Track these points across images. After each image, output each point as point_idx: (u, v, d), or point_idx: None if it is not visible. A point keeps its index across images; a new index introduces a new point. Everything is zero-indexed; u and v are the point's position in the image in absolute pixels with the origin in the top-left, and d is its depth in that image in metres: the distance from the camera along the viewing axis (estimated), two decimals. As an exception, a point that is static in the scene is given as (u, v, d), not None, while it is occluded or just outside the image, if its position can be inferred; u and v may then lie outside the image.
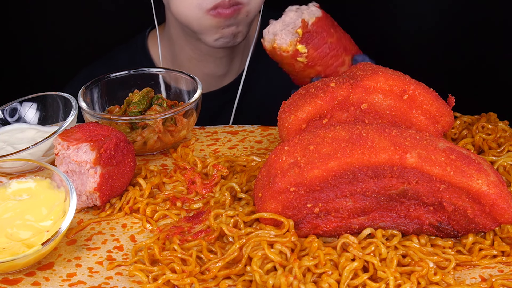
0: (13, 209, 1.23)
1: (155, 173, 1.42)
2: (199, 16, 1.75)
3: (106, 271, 1.19)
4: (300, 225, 1.18)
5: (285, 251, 1.13)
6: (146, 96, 1.51)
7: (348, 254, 1.13)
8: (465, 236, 1.19)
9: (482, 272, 1.15)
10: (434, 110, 1.30)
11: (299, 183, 1.13)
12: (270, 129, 1.59)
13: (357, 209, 1.17)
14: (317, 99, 1.29)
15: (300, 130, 1.30)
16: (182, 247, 1.20)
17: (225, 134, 1.58)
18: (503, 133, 1.43)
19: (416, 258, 1.13)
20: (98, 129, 1.32)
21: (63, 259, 1.22)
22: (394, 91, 1.29)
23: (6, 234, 1.18)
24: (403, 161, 1.11)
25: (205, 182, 1.38)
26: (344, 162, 1.12)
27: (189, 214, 1.31)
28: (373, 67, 1.33)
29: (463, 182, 1.11)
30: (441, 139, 1.16)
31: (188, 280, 1.13)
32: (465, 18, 2.37)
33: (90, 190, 1.29)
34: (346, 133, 1.15)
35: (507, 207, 1.13)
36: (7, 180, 1.30)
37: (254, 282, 1.12)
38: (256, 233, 1.16)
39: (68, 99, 1.49)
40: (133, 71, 1.61)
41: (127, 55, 2.08)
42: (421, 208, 1.16)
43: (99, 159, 1.28)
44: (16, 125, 1.51)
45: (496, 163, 1.34)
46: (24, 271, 1.19)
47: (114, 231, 1.28)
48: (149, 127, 1.45)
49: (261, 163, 1.40)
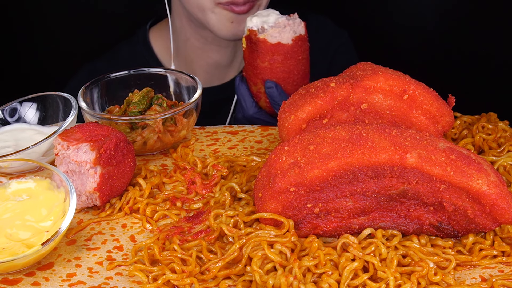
0: (12, 210, 1.23)
1: (155, 173, 1.42)
2: (211, 7, 1.76)
3: (106, 271, 1.19)
4: (300, 225, 1.18)
5: (285, 251, 1.13)
6: (146, 96, 1.51)
7: (348, 254, 1.13)
8: (465, 236, 1.19)
9: (482, 272, 1.15)
10: (434, 110, 1.30)
11: (299, 183, 1.13)
12: (270, 129, 1.59)
13: (357, 209, 1.17)
14: (317, 99, 1.29)
15: (300, 130, 1.30)
16: (182, 247, 1.20)
17: (225, 134, 1.58)
18: (503, 133, 1.43)
19: (416, 258, 1.13)
20: (98, 129, 1.32)
21: (63, 259, 1.22)
22: (394, 91, 1.29)
23: (5, 235, 1.18)
24: (403, 161, 1.11)
25: (205, 182, 1.38)
26: (344, 162, 1.12)
27: (189, 214, 1.31)
28: (373, 67, 1.33)
29: (463, 182, 1.11)
30: (441, 139, 1.16)
31: (188, 280, 1.13)
32: (465, 18, 2.37)
33: (90, 190, 1.29)
34: (346, 133, 1.14)
35: (507, 207, 1.12)
36: (7, 180, 1.30)
37: (254, 282, 1.12)
38: (256, 233, 1.16)
39: (68, 99, 1.49)
40: (133, 71, 1.61)
41: (129, 50, 2.09)
42: (421, 208, 1.16)
43: (99, 159, 1.28)
44: (16, 125, 1.51)
45: (496, 163, 1.34)
46: (24, 271, 1.18)
47: (114, 231, 1.28)
48: (149, 127, 1.45)
49: (261, 163, 1.40)
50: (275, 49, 1.56)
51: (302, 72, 1.61)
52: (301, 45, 1.58)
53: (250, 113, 1.66)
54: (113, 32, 2.39)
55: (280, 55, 1.57)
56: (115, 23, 2.48)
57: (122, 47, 2.11)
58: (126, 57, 2.07)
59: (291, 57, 1.57)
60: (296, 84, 1.61)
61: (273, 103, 1.61)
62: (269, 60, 1.58)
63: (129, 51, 2.09)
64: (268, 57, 1.57)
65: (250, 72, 1.64)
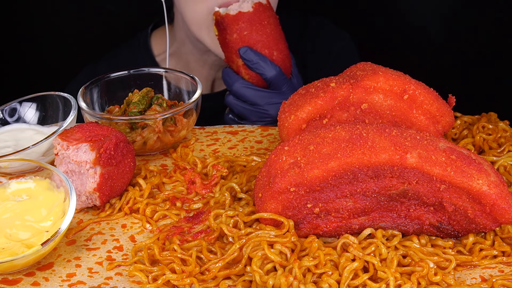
0: (12, 210, 1.23)
1: (155, 173, 1.42)
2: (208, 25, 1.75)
3: (106, 271, 1.19)
4: (300, 225, 1.18)
5: (285, 251, 1.13)
6: (146, 96, 1.51)
7: (348, 254, 1.13)
8: (465, 236, 1.19)
9: (482, 273, 1.15)
10: (434, 110, 1.30)
11: (299, 183, 1.13)
12: (270, 129, 1.59)
13: (357, 209, 1.17)
14: (317, 99, 1.29)
15: (300, 130, 1.30)
16: (182, 247, 1.20)
17: (225, 134, 1.58)
18: (504, 133, 1.43)
19: (416, 258, 1.13)
20: (98, 129, 1.32)
21: (63, 259, 1.21)
22: (395, 91, 1.29)
23: (5, 235, 1.18)
24: (404, 161, 1.11)
25: (205, 182, 1.38)
26: (344, 162, 1.12)
27: (189, 214, 1.31)
28: (373, 67, 1.33)
29: (463, 182, 1.11)
30: (442, 139, 1.16)
31: (188, 280, 1.13)
32: (466, 18, 2.37)
33: (89, 190, 1.29)
34: (346, 133, 1.14)
35: (507, 207, 1.12)
36: (6, 180, 1.30)
37: (254, 283, 1.12)
38: (256, 233, 1.16)
39: (68, 99, 1.48)
40: (133, 71, 1.61)
41: (129, 53, 2.08)
42: (422, 208, 1.16)
43: (98, 159, 1.27)
44: (15, 125, 1.51)
45: (497, 163, 1.34)
46: (24, 271, 1.18)
47: (114, 231, 1.28)
48: (149, 127, 1.45)
49: (261, 163, 1.40)
50: (238, 18, 1.63)
51: (272, 36, 1.65)
52: (263, 11, 1.64)
53: (236, 85, 1.66)
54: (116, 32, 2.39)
55: (244, 22, 1.63)
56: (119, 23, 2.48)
57: (122, 51, 2.11)
58: (126, 60, 2.07)
59: (255, 22, 1.63)
60: (270, 48, 1.65)
61: (251, 65, 1.63)
62: (236, 31, 1.63)
63: (129, 54, 2.09)
64: (234, 28, 1.63)
65: (227, 52, 1.68)
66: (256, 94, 1.65)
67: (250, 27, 1.63)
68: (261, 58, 1.62)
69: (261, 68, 1.62)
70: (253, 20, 1.63)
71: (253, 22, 1.63)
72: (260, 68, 1.62)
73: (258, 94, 1.65)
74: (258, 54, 1.62)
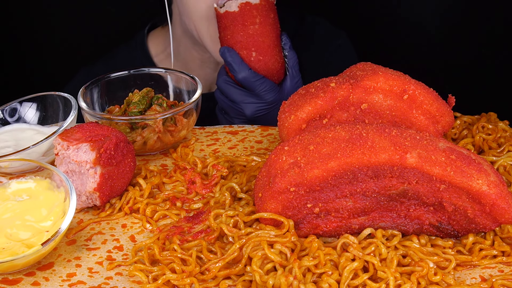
0: (12, 210, 1.23)
1: (155, 173, 1.42)
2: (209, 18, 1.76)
3: (106, 271, 1.19)
4: (300, 225, 1.18)
5: (285, 251, 1.13)
6: (146, 96, 1.51)
7: (348, 254, 1.13)
8: (465, 236, 1.19)
9: (482, 272, 1.15)
10: (434, 110, 1.30)
11: (299, 183, 1.13)
12: (270, 129, 1.59)
13: (357, 209, 1.17)
14: (317, 99, 1.29)
15: (300, 130, 1.30)
16: (182, 247, 1.20)
17: (225, 134, 1.58)
18: (503, 133, 1.43)
19: (416, 258, 1.13)
20: (98, 129, 1.32)
21: (63, 259, 1.22)
22: (394, 91, 1.29)
23: (5, 235, 1.18)
24: (403, 161, 1.11)
25: (205, 182, 1.38)
26: (344, 162, 1.12)
27: (189, 214, 1.31)
28: (373, 67, 1.33)
29: (463, 182, 1.11)
30: (441, 139, 1.16)
31: (188, 280, 1.13)
32: (465, 18, 2.37)
33: (90, 190, 1.29)
34: (346, 133, 1.14)
35: (507, 207, 1.12)
36: (7, 180, 1.30)
37: (254, 282, 1.12)
38: (256, 233, 1.16)
39: (68, 99, 1.48)
40: (133, 71, 1.61)
41: (126, 54, 2.08)
42: (421, 208, 1.16)
43: (99, 159, 1.28)
44: (16, 125, 1.51)
45: (496, 163, 1.34)
46: (24, 271, 1.18)
47: (114, 231, 1.28)
48: (149, 127, 1.45)
49: (261, 163, 1.40)
50: (224, 17, 1.66)
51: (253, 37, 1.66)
52: (249, 11, 1.65)
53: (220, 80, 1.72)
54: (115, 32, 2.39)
55: (228, 22, 1.66)
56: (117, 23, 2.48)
57: (119, 51, 2.11)
58: (124, 61, 2.07)
59: (238, 22, 1.65)
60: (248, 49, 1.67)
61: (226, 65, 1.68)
62: (222, 29, 1.67)
63: (127, 55, 2.09)
64: (220, 26, 1.67)
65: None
66: (234, 92, 1.70)
67: (232, 27, 1.65)
68: (235, 59, 1.65)
69: (232, 69, 1.66)
70: (235, 20, 1.65)
71: (235, 22, 1.65)
72: (231, 69, 1.66)
73: (236, 91, 1.70)
74: (233, 54, 1.65)
